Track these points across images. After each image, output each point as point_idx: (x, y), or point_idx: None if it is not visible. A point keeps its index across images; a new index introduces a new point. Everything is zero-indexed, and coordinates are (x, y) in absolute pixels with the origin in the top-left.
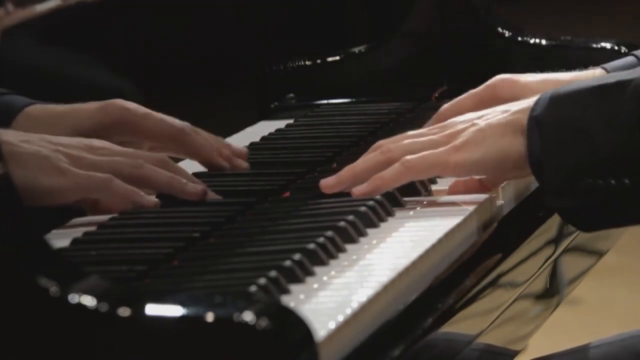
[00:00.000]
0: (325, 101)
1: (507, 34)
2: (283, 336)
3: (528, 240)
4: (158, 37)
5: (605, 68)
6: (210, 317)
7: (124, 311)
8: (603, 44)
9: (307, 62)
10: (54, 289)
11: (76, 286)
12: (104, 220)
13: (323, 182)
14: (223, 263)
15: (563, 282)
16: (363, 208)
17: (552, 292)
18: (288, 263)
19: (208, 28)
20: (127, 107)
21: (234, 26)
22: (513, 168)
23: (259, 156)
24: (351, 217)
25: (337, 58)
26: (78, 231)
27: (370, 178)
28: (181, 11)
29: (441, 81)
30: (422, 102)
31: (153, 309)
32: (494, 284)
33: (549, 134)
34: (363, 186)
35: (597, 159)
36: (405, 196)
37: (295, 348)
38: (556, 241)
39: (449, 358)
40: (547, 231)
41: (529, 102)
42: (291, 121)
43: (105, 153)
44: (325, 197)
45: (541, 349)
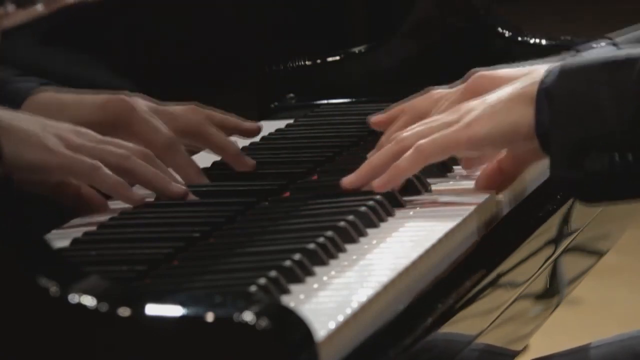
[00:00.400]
0: (325, 101)
1: (507, 34)
2: (283, 336)
3: (528, 240)
4: (158, 37)
5: (612, 39)
6: (210, 317)
7: (124, 311)
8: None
9: (307, 62)
10: (54, 289)
11: (76, 286)
12: (104, 220)
13: (344, 181)
14: (223, 263)
15: (563, 282)
16: (363, 208)
17: (552, 292)
18: (288, 263)
19: (208, 28)
20: (131, 107)
21: (234, 26)
22: (525, 139)
23: (259, 156)
24: (351, 217)
25: (337, 58)
26: (78, 231)
27: (385, 167)
28: (181, 11)
29: (441, 81)
30: None
31: (153, 309)
32: (494, 284)
33: (559, 106)
34: (381, 178)
35: (605, 133)
36: (405, 196)
37: (295, 348)
38: (556, 241)
39: (449, 358)
40: (547, 231)
41: (539, 74)
42: (291, 121)
43: (92, 139)
44: (325, 197)
45: (541, 349)
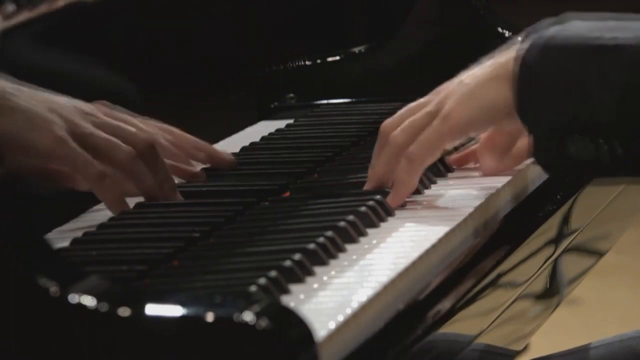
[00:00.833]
0: (325, 101)
1: (507, 34)
2: (283, 336)
3: (528, 240)
4: (158, 37)
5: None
6: (210, 317)
7: (124, 311)
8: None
9: (307, 62)
10: (54, 289)
11: (76, 286)
12: (104, 220)
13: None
14: (223, 263)
15: (563, 282)
16: (363, 208)
17: (552, 292)
18: (288, 263)
19: (208, 28)
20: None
21: (234, 26)
22: (507, 117)
23: (259, 156)
24: (351, 217)
25: (337, 58)
26: (78, 231)
27: (390, 172)
28: (181, 11)
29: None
30: None
31: (153, 309)
32: (494, 284)
33: (543, 83)
34: (392, 196)
35: (591, 117)
36: None
37: (295, 348)
38: (556, 241)
39: (449, 358)
40: (547, 231)
41: (516, 50)
42: (291, 121)
43: (97, 123)
44: (325, 197)
45: (541, 349)
